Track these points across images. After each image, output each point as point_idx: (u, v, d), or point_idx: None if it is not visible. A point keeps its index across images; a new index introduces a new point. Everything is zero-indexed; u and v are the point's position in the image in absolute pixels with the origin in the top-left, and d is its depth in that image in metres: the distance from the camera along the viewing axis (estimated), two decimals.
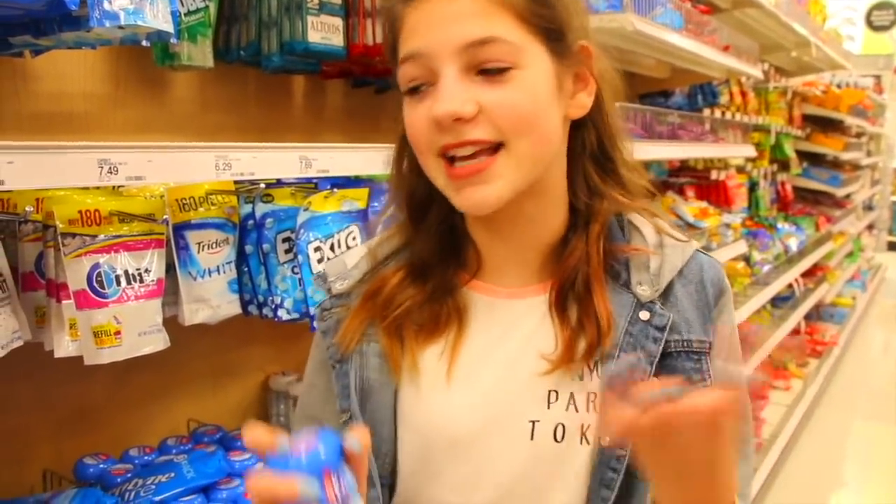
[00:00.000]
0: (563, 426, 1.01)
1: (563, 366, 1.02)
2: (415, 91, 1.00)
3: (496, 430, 1.04)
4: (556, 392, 1.02)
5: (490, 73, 0.96)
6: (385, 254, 1.16)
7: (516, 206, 1.03)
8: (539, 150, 1.01)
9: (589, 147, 1.09)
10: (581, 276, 1.05)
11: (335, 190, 1.79)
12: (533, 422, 1.02)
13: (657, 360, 1.01)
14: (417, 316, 1.09)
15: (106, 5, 1.19)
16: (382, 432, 1.07)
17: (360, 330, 1.10)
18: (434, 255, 1.11)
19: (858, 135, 9.14)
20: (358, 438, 0.84)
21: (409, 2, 0.99)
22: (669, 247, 1.08)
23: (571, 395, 1.02)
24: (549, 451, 1.02)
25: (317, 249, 1.73)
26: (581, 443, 1.01)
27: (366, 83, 2.43)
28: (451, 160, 0.98)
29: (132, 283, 1.51)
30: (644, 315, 1.03)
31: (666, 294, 1.05)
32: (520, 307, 1.08)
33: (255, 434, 0.81)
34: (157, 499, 1.64)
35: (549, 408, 1.02)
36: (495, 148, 0.98)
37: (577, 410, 1.02)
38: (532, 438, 1.02)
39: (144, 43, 1.37)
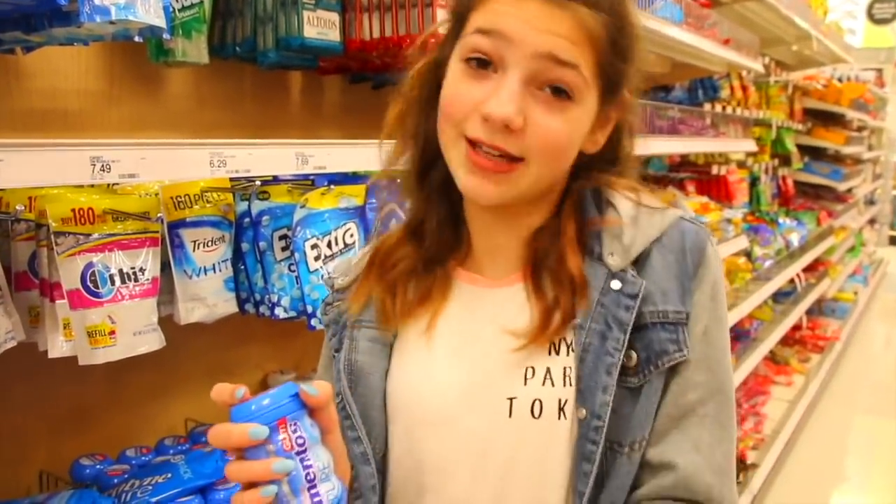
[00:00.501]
0: (541, 402, 1.02)
1: (538, 337, 1.02)
2: (475, 63, 0.99)
3: (474, 407, 1.05)
4: (533, 368, 1.03)
5: (554, 91, 0.98)
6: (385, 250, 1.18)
7: (516, 205, 1.06)
8: (552, 175, 1.05)
9: (587, 162, 1.11)
10: (554, 251, 1.06)
11: (332, 187, 1.78)
12: (511, 399, 1.03)
13: (629, 328, 1.00)
14: (410, 281, 1.13)
15: (97, 0, 1.17)
16: (373, 415, 1.10)
17: (366, 290, 1.14)
18: (431, 217, 1.13)
19: (860, 129, 9.12)
20: (315, 385, 0.88)
21: None
22: (645, 216, 1.07)
23: (548, 370, 1.02)
24: (528, 427, 1.02)
25: (314, 247, 1.71)
26: (559, 418, 1.01)
27: (363, 79, 2.41)
28: (473, 144, 1.00)
29: (127, 282, 1.49)
30: (615, 284, 1.02)
31: (642, 263, 1.04)
32: (501, 295, 1.10)
33: (219, 389, 0.88)
34: (154, 500, 1.62)
35: (525, 384, 1.03)
36: (517, 160, 0.99)
37: (553, 385, 1.02)
38: (510, 416, 1.03)
39: (137, 38, 1.36)
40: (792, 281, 5.83)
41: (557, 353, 1.03)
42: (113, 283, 1.47)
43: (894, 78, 12.05)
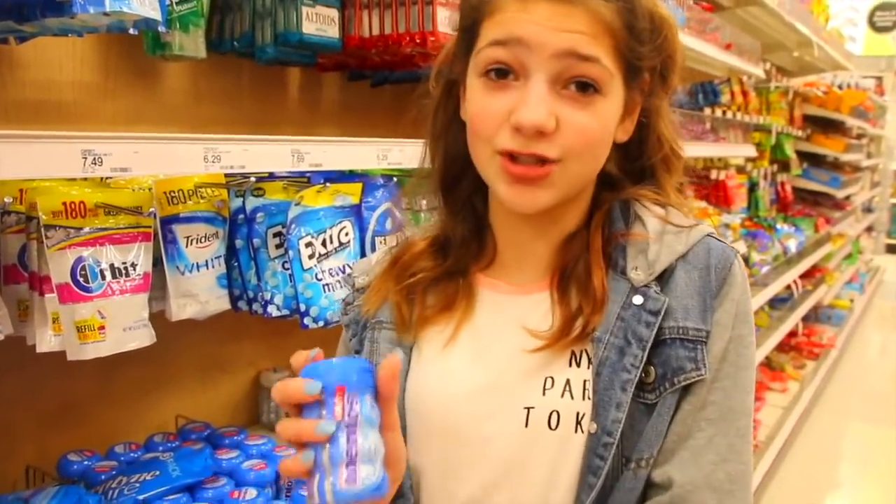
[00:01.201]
0: (558, 413, 1.00)
1: (557, 342, 1.01)
2: (494, 74, 0.98)
3: (491, 415, 1.03)
4: (552, 379, 1.01)
5: (580, 88, 0.96)
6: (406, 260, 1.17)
7: (549, 210, 1.04)
8: (590, 170, 1.04)
9: (617, 161, 1.11)
10: (582, 261, 1.05)
11: (328, 184, 1.76)
12: (528, 408, 1.01)
13: (649, 345, 0.98)
14: (431, 289, 1.12)
15: None
16: None
17: (383, 293, 1.13)
18: (458, 232, 1.13)
19: (859, 136, 9.12)
20: (386, 373, 0.87)
21: None
22: (672, 232, 1.05)
23: (567, 381, 1.01)
24: (544, 438, 1.01)
25: (308, 245, 1.69)
26: (576, 431, 1.00)
27: (362, 77, 2.39)
28: (511, 157, 0.98)
29: (118, 277, 1.47)
30: (637, 299, 1.01)
31: (665, 279, 1.02)
32: (525, 303, 1.08)
33: (296, 356, 0.89)
34: (141, 497, 1.60)
35: (544, 394, 1.01)
36: (552, 161, 0.98)
37: (572, 398, 1.00)
38: (527, 426, 1.01)
39: (132, 31, 1.33)
40: (789, 287, 5.82)
41: (578, 364, 1.01)
42: (104, 277, 1.45)
43: (894, 86, 12.04)
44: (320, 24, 1.90)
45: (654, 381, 0.99)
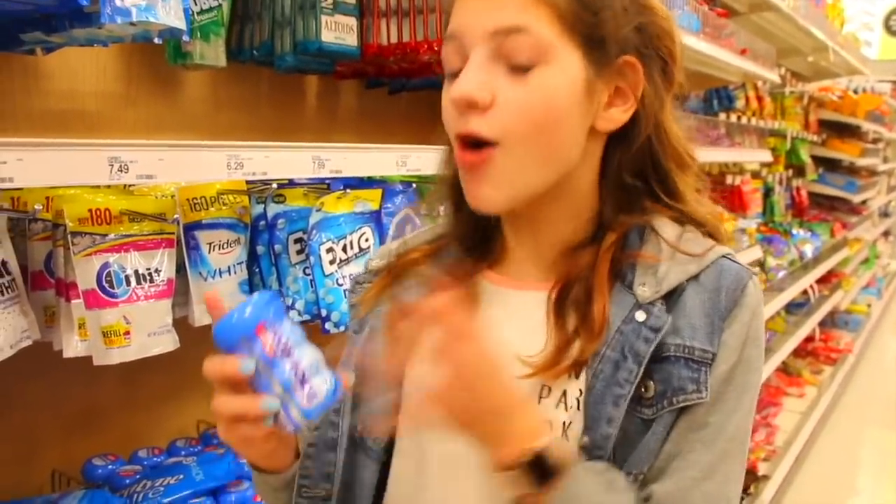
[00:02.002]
0: (551, 424, 0.97)
1: (545, 373, 0.98)
2: (452, 76, 0.99)
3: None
4: (549, 388, 0.99)
5: (513, 68, 0.95)
6: (426, 239, 1.18)
7: (536, 209, 1.02)
8: (544, 155, 0.98)
9: (620, 163, 1.05)
10: (584, 283, 1.02)
11: (348, 191, 1.77)
12: None
13: (646, 360, 0.96)
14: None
15: (118, 1, 1.17)
16: None
17: (375, 298, 1.13)
18: (463, 239, 1.13)
19: (875, 140, 9.05)
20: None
21: None
22: (684, 255, 1.02)
23: (564, 392, 0.98)
24: None
25: (329, 251, 1.71)
26: (568, 444, 0.97)
27: (379, 84, 2.41)
28: (461, 144, 0.98)
29: (142, 282, 1.49)
30: (640, 315, 0.98)
31: (674, 298, 0.99)
32: (525, 298, 1.06)
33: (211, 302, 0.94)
34: (166, 501, 1.62)
35: (539, 403, 0.99)
36: (492, 145, 0.96)
37: (566, 409, 0.98)
38: None
39: (157, 40, 1.36)
40: (805, 292, 5.79)
41: (577, 376, 0.98)
42: (128, 283, 1.47)
43: None
44: (339, 32, 1.91)
45: (653, 397, 0.96)
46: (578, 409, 0.97)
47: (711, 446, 0.96)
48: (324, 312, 1.71)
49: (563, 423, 0.97)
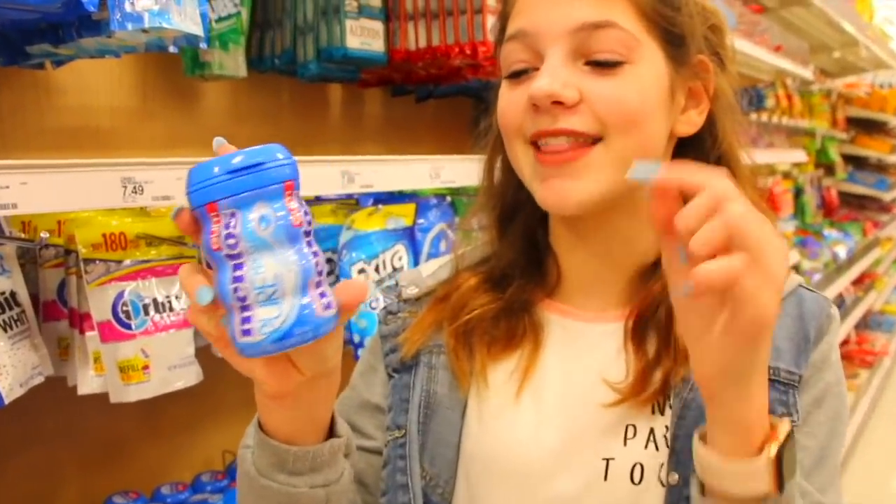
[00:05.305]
0: (642, 466, 0.89)
1: (633, 398, 0.90)
2: (516, 75, 0.93)
3: (566, 466, 0.92)
4: (635, 427, 0.91)
5: (599, 65, 0.88)
6: (466, 265, 1.07)
7: (608, 222, 0.95)
8: (638, 154, 0.89)
9: None
10: (665, 305, 0.93)
11: (380, 206, 1.67)
12: (607, 459, 0.90)
13: None
14: (491, 327, 1.00)
15: (128, 7, 1.07)
16: (445, 455, 0.97)
17: (427, 333, 1.02)
18: (515, 265, 1.03)
19: None
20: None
21: None
22: None
23: (651, 431, 0.90)
24: (625, 494, 0.90)
25: (361, 271, 1.60)
26: (658, 483, 0.89)
27: (406, 92, 2.31)
28: (538, 146, 0.90)
29: (161, 312, 1.39)
30: None
31: None
32: (595, 332, 0.97)
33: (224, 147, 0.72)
34: None
35: (625, 444, 0.91)
36: (593, 141, 0.89)
37: (657, 449, 0.90)
38: (606, 479, 0.90)
39: (172, 49, 1.26)
40: (840, 295, 5.66)
41: (662, 412, 0.91)
42: (146, 313, 1.37)
43: None
44: (365, 37, 1.81)
45: None
46: (667, 446, 0.89)
47: (813, 471, 0.90)
48: (356, 338, 1.60)
49: (659, 467, 0.89)
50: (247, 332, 0.66)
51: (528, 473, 0.94)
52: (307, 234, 0.68)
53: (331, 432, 0.88)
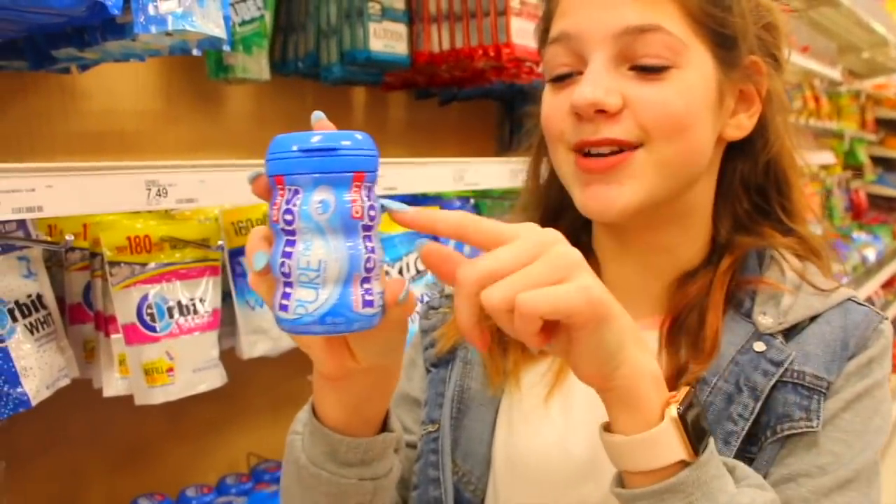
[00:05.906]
0: None
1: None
2: (560, 79, 0.91)
3: (592, 475, 0.91)
4: None
5: (645, 70, 0.86)
6: None
7: (651, 232, 0.94)
8: (683, 160, 0.89)
9: (741, 177, 0.97)
10: (698, 309, 0.92)
11: None
12: None
13: (764, 396, 0.85)
14: None
15: (151, 10, 1.07)
16: (478, 452, 0.97)
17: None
18: None
19: None
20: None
21: None
22: (810, 291, 0.92)
23: None
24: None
25: (385, 274, 1.59)
26: None
27: (429, 95, 2.30)
28: (582, 152, 0.89)
29: (185, 314, 1.39)
30: (759, 346, 0.88)
31: (792, 335, 0.90)
32: None
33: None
34: None
35: None
36: (635, 146, 0.87)
37: None
38: None
39: (195, 52, 1.26)
40: (869, 298, 5.58)
41: None
42: (171, 315, 1.37)
43: None
44: (388, 40, 1.81)
45: (755, 433, 0.86)
46: None
47: (828, 475, 0.84)
48: None
49: None
50: (283, 308, 0.67)
51: (555, 481, 0.93)
52: (367, 228, 0.68)
53: (384, 427, 0.88)
